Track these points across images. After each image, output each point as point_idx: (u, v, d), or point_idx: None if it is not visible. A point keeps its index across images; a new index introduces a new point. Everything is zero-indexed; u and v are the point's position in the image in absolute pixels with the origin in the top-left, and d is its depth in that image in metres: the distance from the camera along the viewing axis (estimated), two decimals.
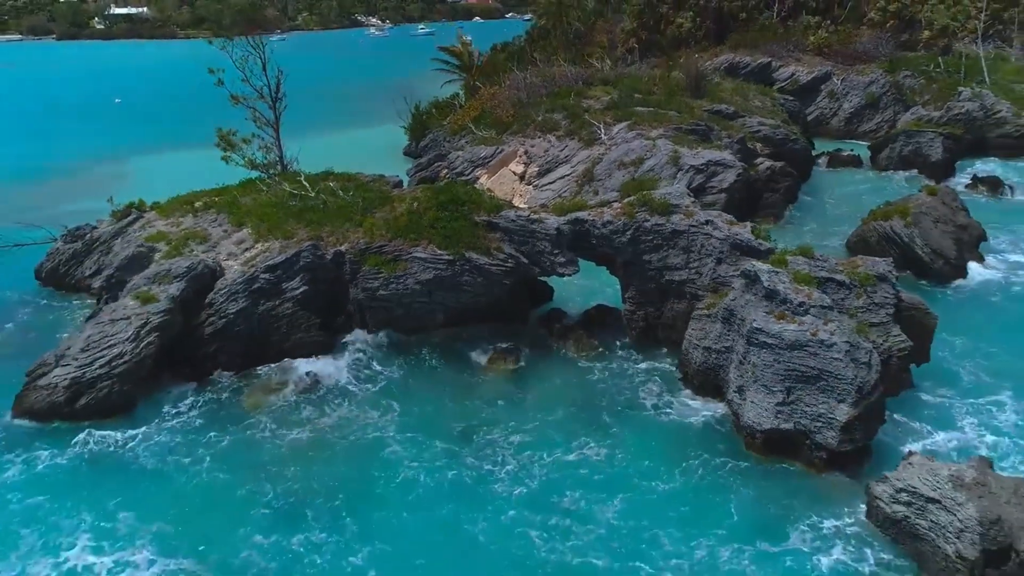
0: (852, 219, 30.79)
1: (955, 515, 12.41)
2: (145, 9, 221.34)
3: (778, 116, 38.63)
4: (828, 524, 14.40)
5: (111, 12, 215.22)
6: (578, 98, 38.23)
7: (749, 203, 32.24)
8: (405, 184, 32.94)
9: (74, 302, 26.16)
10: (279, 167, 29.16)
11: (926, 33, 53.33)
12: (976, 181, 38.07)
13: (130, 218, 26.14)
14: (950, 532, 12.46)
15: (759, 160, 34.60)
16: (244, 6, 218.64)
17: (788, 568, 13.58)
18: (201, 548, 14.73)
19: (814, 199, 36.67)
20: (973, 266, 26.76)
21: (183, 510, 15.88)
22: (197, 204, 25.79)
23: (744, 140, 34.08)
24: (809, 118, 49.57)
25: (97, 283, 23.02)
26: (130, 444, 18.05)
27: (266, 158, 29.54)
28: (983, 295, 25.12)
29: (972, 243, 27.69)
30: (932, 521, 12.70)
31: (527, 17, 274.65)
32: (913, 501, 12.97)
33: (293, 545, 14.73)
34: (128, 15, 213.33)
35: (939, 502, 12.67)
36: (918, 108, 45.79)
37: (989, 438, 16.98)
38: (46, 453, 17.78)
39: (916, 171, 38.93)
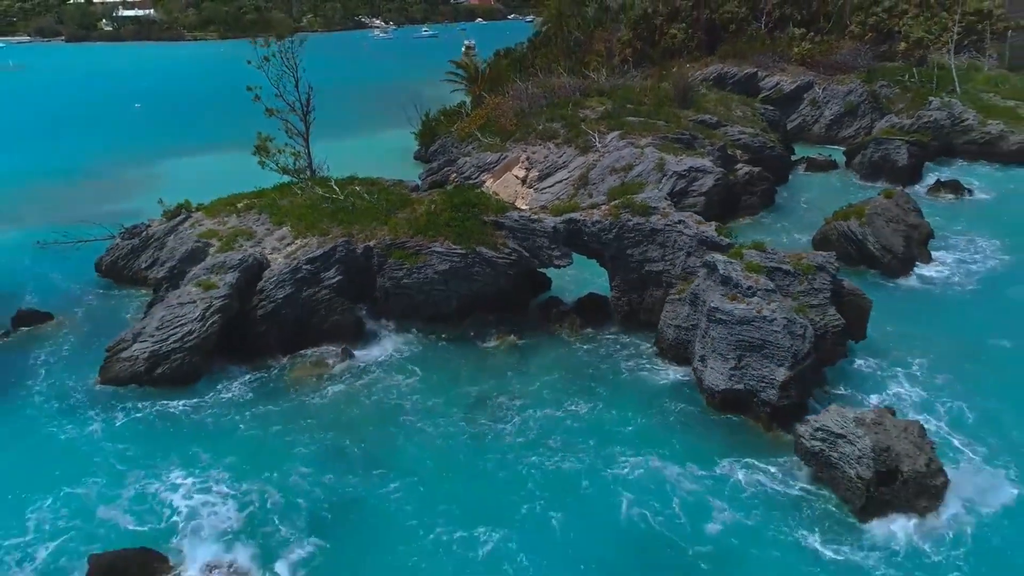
0: (820, 219, 34.61)
1: (855, 446, 16.28)
2: (152, 11, 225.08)
3: (758, 125, 42.52)
4: (764, 459, 18.32)
5: (119, 14, 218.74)
6: (575, 108, 42.13)
7: (728, 205, 36.19)
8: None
9: (131, 291, 30.17)
10: (308, 172, 33.00)
11: (903, 45, 57.23)
12: (939, 184, 41.95)
13: (180, 217, 30.08)
14: (852, 459, 16.33)
15: (739, 166, 38.52)
16: (250, 10, 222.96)
17: (728, 485, 17.56)
18: (264, 475, 18.68)
19: (790, 201, 40.56)
20: (920, 261, 30.61)
21: (245, 451, 19.81)
22: (239, 205, 29.74)
23: (725, 148, 37.97)
24: (792, 125, 53.53)
25: (159, 274, 26.91)
26: (197, 405, 21.97)
27: (296, 164, 33.38)
28: (924, 286, 29.06)
29: (921, 240, 31.53)
30: (840, 452, 16.57)
31: (529, 19, 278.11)
32: (827, 437, 16.84)
33: (332, 476, 18.64)
34: (136, 17, 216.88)
35: (845, 437, 16.54)
36: (892, 116, 49.80)
37: (903, 397, 20.90)
38: (129, 411, 21.74)
39: (883, 178, 42.69)
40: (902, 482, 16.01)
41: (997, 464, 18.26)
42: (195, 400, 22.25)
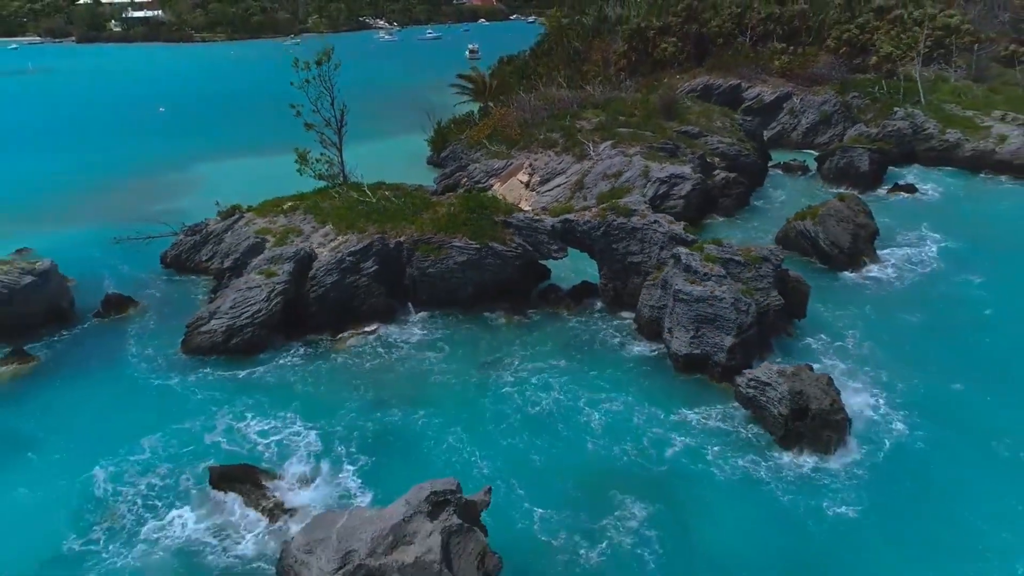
0: (786, 219, 40.12)
1: (777, 391, 21.82)
2: (160, 12, 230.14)
3: (735, 135, 48.04)
4: (714, 405, 23.90)
5: (128, 15, 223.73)
6: (573, 120, 47.67)
7: (706, 206, 41.77)
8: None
9: (193, 279, 35.77)
10: (342, 178, 38.52)
11: (874, 59, 62.65)
12: (896, 187, 47.50)
13: (235, 217, 35.67)
14: (775, 401, 21.87)
15: (716, 172, 44.08)
16: (256, 11, 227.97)
17: (684, 424, 23.11)
18: (321, 416, 24.26)
19: (763, 202, 46.12)
20: (865, 255, 36.12)
21: (305, 401, 25.37)
22: (285, 206, 35.34)
23: (704, 156, 43.51)
24: (772, 132, 59.12)
25: (224, 264, 32.47)
26: (264, 369, 27.55)
27: (330, 171, 38.88)
28: (865, 276, 34.59)
29: (867, 238, 37.03)
30: (766, 396, 22.11)
31: (531, 19, 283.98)
32: (757, 385, 22.38)
33: (374, 415, 24.26)
34: (145, 18, 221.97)
35: (770, 384, 22.07)
36: (861, 125, 55.31)
37: (831, 360, 26.49)
38: (210, 373, 27.32)
39: (848, 182, 48.17)
40: (811, 418, 21.56)
41: (893, 408, 23.85)
42: (262, 366, 27.85)
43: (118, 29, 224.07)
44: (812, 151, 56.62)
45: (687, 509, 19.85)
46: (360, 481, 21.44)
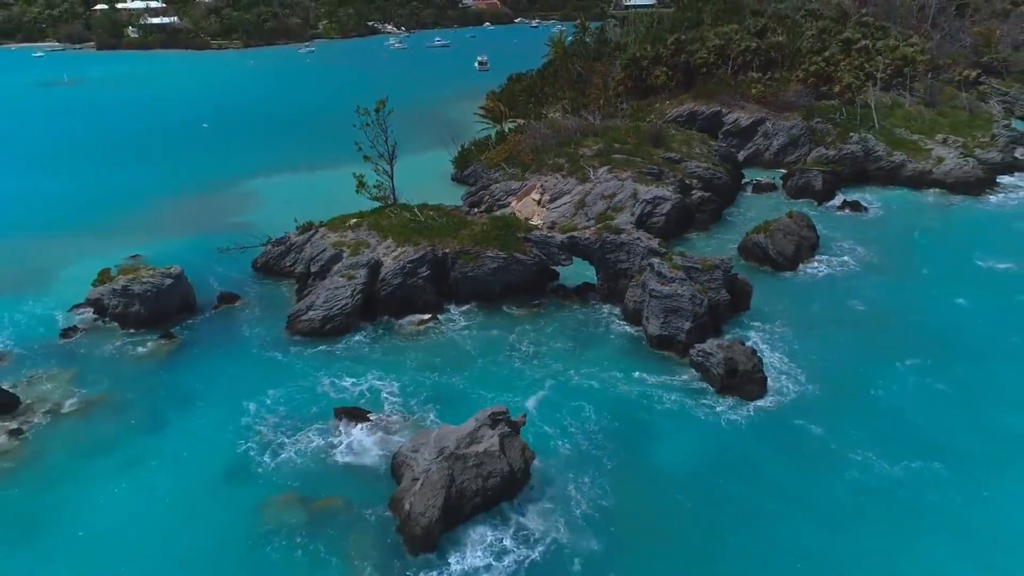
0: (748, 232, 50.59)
1: (716, 357, 32.38)
2: (176, 19, 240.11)
3: (711, 160, 58.57)
4: (675, 371, 34.47)
5: (147, 22, 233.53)
6: (576, 147, 58.17)
7: (684, 221, 52.26)
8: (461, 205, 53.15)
9: (279, 281, 46.33)
10: (392, 199, 49.04)
11: (837, 87, 73.08)
12: (844, 203, 58.02)
13: (311, 232, 46.27)
14: (715, 364, 32.44)
15: (694, 192, 54.59)
16: (269, 17, 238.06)
17: (652, 384, 33.63)
18: (393, 376, 34.86)
19: (733, 217, 56.63)
20: (806, 261, 46.65)
21: (381, 366, 35.97)
22: (350, 223, 45.93)
23: (683, 179, 54.02)
24: (748, 152, 69.63)
25: (312, 268, 42.98)
26: (348, 346, 38.14)
27: (381, 193, 49.37)
28: (801, 279, 45.12)
29: (809, 247, 47.60)
30: (709, 361, 32.67)
31: (534, 23, 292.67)
32: (703, 354, 32.94)
33: (431, 376, 34.81)
34: (162, 25, 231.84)
35: (712, 354, 32.64)
36: (821, 148, 65.77)
37: (762, 339, 37.04)
38: (310, 349, 37.92)
39: (806, 198, 58.70)
40: (739, 376, 32.13)
41: (798, 370, 34.43)
42: (347, 344, 38.46)
43: (135, 35, 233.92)
44: (782, 169, 67.11)
45: (648, 430, 30.46)
46: (427, 413, 32.04)
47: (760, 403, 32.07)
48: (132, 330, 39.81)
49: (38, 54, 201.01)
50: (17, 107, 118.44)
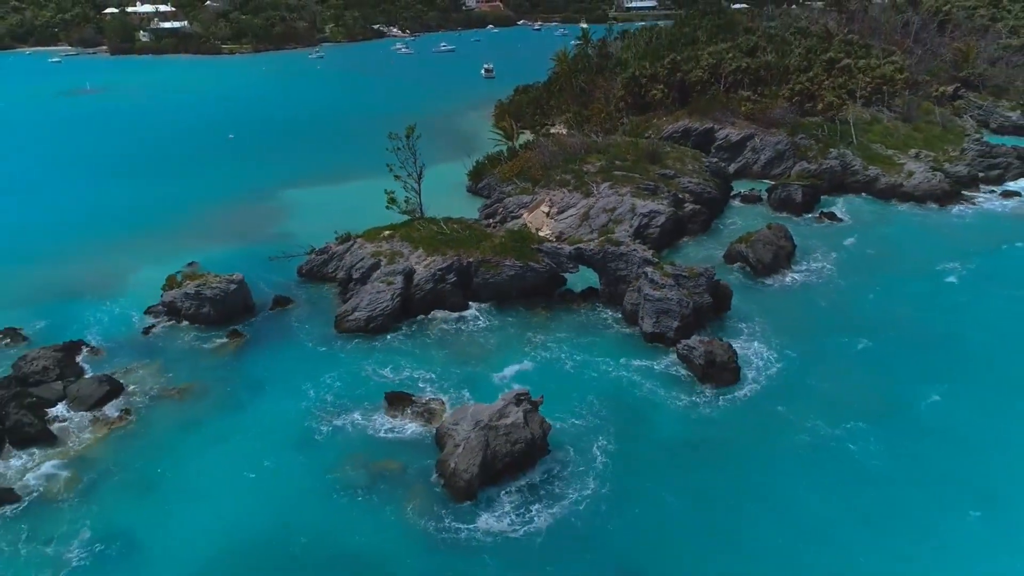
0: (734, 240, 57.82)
1: (698, 351, 39.65)
2: (186, 23, 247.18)
3: (702, 175, 65.84)
4: (665, 361, 41.80)
5: (158, 26, 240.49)
6: (580, 163, 65.39)
7: (677, 232, 59.53)
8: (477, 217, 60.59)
9: (322, 286, 53.61)
10: (420, 213, 56.31)
11: (820, 105, 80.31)
12: (822, 214, 65.31)
13: (350, 242, 53.60)
14: (696, 356, 39.72)
15: (686, 205, 61.87)
16: (277, 21, 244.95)
17: (646, 371, 40.95)
18: (426, 365, 42.16)
19: (721, 227, 63.91)
20: (782, 269, 53.91)
21: (418, 358, 43.25)
22: (384, 234, 53.27)
23: (676, 194, 61.27)
24: (738, 165, 76.88)
25: (355, 275, 50.27)
26: (389, 341, 45.46)
27: (409, 207, 56.67)
28: (778, 284, 52.41)
29: (786, 255, 54.86)
30: (693, 353, 39.93)
31: (536, 26, 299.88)
32: (688, 348, 40.22)
33: (460, 365, 42.12)
34: (173, 30, 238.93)
35: (695, 348, 39.88)
36: (803, 162, 73.02)
37: (742, 336, 44.35)
38: (356, 344, 45.25)
39: (787, 209, 65.97)
40: (717, 366, 39.43)
41: (771, 364, 41.73)
42: (387, 340, 45.77)
43: (147, 40, 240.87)
44: (769, 181, 74.32)
45: (641, 409, 37.80)
46: (457, 396, 39.31)
47: (735, 390, 39.38)
48: (202, 329, 47.16)
49: (55, 59, 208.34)
50: (47, 117, 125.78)
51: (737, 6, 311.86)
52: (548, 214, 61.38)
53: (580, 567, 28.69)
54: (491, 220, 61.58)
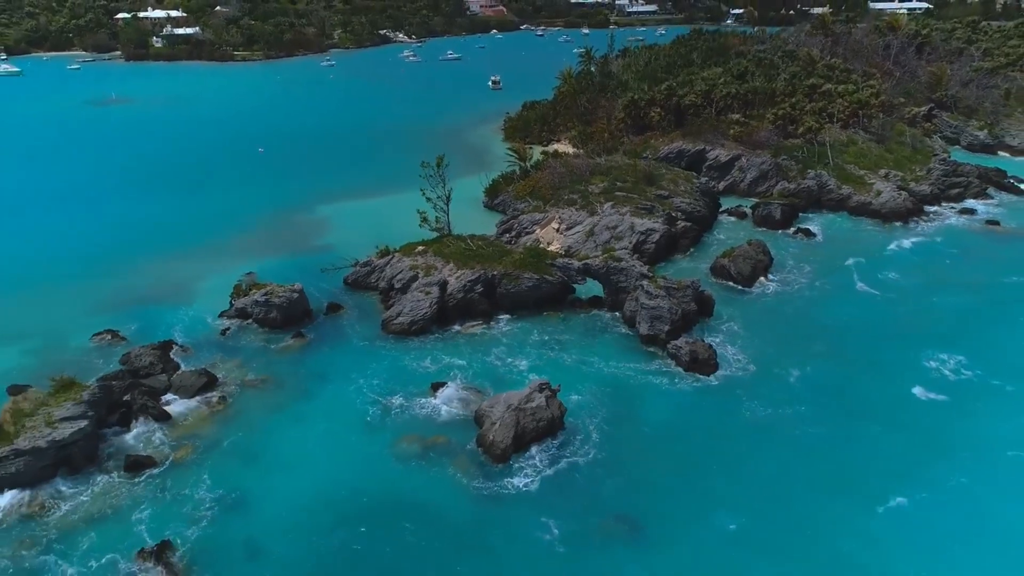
0: (718, 255, 67.69)
1: (684, 350, 49.55)
2: (198, 29, 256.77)
3: (693, 195, 75.76)
4: (658, 359, 51.75)
5: (171, 32, 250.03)
6: (586, 184, 75.27)
7: (670, 246, 69.47)
8: (495, 231, 70.61)
9: (366, 295, 63.49)
10: (448, 230, 66.16)
11: (800, 129, 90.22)
12: (798, 230, 75.26)
13: (389, 256, 63.53)
14: (683, 354, 49.63)
15: (678, 222, 71.79)
16: (287, 29, 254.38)
17: (641, 368, 50.90)
18: (466, 361, 52.12)
19: (710, 242, 73.83)
20: (760, 281, 63.81)
21: (453, 355, 53.14)
22: (418, 249, 63.22)
23: (670, 213, 71.19)
24: (727, 184, 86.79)
25: (396, 285, 60.19)
26: (428, 342, 55.39)
27: (439, 226, 66.56)
28: (756, 293, 62.35)
29: (763, 268, 64.78)
30: (680, 351, 49.84)
31: (540, 32, 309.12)
32: (677, 347, 50.07)
33: (488, 360, 52.07)
34: (186, 36, 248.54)
35: (681, 347, 49.78)
36: (784, 182, 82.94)
37: (722, 337, 54.30)
38: (400, 344, 55.22)
39: (768, 225, 75.88)
40: (699, 362, 49.36)
41: (744, 358, 51.67)
42: (426, 340, 55.66)
43: (159, 45, 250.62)
44: (754, 198, 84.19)
45: (636, 395, 47.70)
46: (487, 385, 49.16)
47: (711, 379, 49.31)
48: (269, 331, 57.02)
49: (74, 66, 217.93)
50: (82, 128, 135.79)
51: (736, 11, 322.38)
52: (558, 230, 71.33)
53: (585, 508, 38.62)
54: (508, 235, 71.52)
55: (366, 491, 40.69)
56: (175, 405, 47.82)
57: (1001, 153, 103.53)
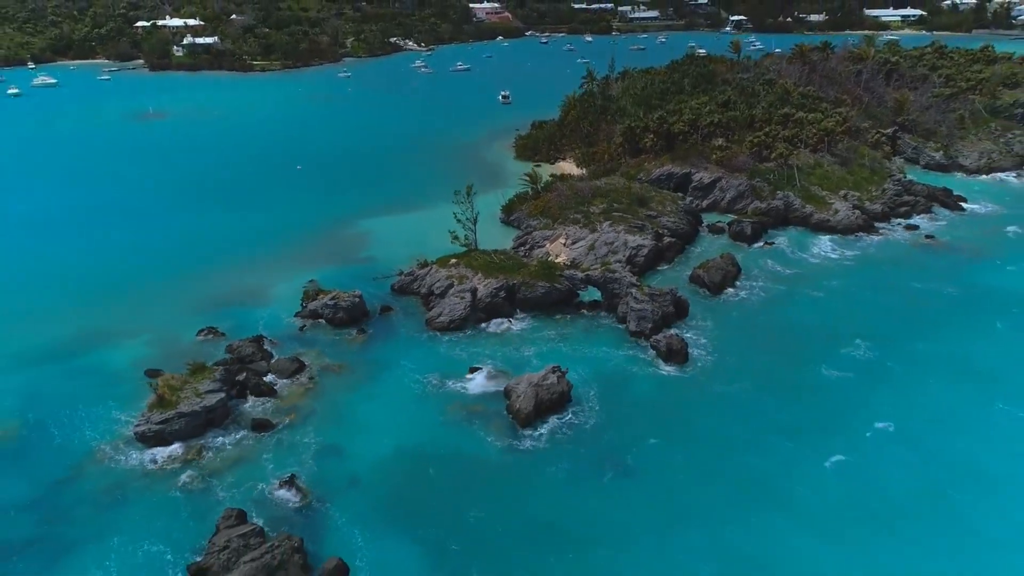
0: (695, 266, 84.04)
1: (663, 343, 66.01)
2: (216, 38, 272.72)
3: (677, 214, 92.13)
4: (645, 350, 68.21)
5: (192, 42, 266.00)
6: (588, 205, 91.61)
7: (657, 259, 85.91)
8: (511, 244, 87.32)
9: (410, 299, 79.96)
10: (475, 245, 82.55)
11: (773, 154, 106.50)
12: (765, 243, 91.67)
13: (427, 268, 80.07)
14: (661, 345, 66.10)
15: (664, 238, 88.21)
16: (303, 39, 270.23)
17: (630, 358, 67.34)
18: (496, 352, 68.65)
19: (692, 255, 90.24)
20: (728, 289, 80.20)
21: (485, 348, 69.73)
22: (452, 262, 79.80)
23: (657, 231, 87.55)
24: (709, 202, 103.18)
25: (436, 291, 76.66)
26: (465, 337, 71.89)
27: (467, 242, 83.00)
28: (725, 298, 78.77)
29: (732, 277, 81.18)
30: (659, 345, 66.30)
31: (544, 39, 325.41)
32: (657, 340, 66.52)
33: (514, 350, 68.72)
34: (206, 46, 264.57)
35: (661, 340, 66.24)
36: (756, 201, 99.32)
37: (695, 333, 70.77)
38: (445, 339, 71.75)
39: (741, 239, 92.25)
40: (674, 353, 65.77)
41: (710, 350, 68.14)
42: (462, 335, 72.15)
43: (180, 54, 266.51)
44: (733, 215, 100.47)
45: (625, 378, 64.15)
46: (511, 369, 65.57)
47: (684, 366, 65.74)
48: (337, 328, 73.42)
49: (104, 76, 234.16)
50: (129, 144, 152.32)
51: (735, 18, 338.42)
52: (565, 244, 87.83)
53: (587, 457, 55.06)
54: (523, 248, 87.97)
55: (425, 444, 57.11)
56: (277, 385, 64.31)
57: (956, 173, 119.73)
